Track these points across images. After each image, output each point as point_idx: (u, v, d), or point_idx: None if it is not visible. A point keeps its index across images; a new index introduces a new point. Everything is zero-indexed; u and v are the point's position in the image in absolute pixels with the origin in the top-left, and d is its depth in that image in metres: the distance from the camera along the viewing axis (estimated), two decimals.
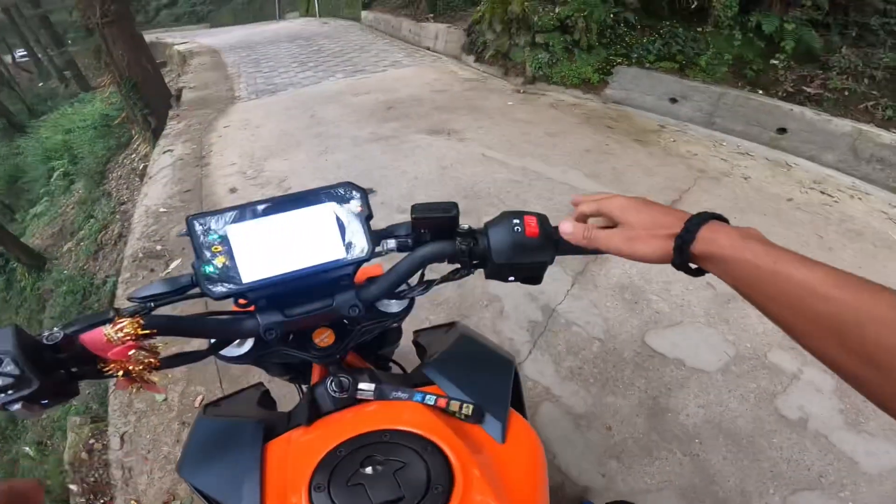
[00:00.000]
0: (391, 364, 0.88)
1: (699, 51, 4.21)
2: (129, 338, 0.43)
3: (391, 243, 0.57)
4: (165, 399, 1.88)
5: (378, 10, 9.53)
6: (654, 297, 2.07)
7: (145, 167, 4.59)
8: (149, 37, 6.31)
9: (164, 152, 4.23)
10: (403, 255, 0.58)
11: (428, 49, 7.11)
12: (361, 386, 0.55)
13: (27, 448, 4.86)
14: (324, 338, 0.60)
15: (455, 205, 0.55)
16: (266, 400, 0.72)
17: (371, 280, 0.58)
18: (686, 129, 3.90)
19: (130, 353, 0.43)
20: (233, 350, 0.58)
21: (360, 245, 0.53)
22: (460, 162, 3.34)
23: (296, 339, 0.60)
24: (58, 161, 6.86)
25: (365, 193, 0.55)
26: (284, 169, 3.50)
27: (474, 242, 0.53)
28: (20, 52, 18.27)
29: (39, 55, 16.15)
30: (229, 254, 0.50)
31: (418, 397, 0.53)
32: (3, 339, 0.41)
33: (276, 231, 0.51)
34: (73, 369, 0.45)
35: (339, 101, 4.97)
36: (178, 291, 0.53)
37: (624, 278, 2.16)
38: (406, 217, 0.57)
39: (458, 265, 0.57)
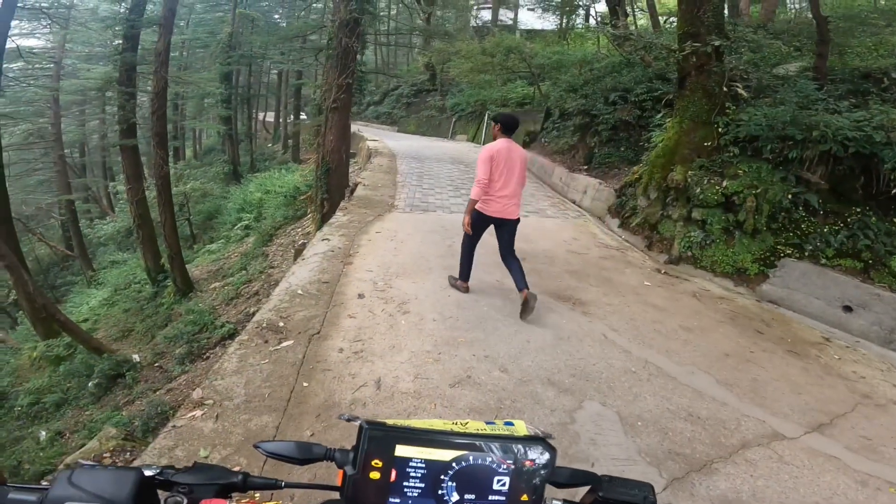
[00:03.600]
0: None
1: (894, 249, 3.47)
2: None
3: None
4: (207, 457, 1.81)
5: (536, 150, 9.86)
6: None
7: (304, 244, 5.41)
8: (353, 126, 7.83)
9: (323, 240, 4.93)
10: None
11: (573, 202, 7.24)
12: None
13: (43, 433, 5.12)
14: None
15: (652, 488, 0.54)
16: None
17: None
18: (857, 345, 3.32)
19: None
20: None
21: None
22: (578, 337, 3.15)
23: None
24: (247, 214, 8.62)
25: (554, 456, 0.52)
26: (409, 292, 3.71)
27: None
28: (270, 116, 24.44)
29: (280, 120, 21.59)
30: (387, 474, 0.47)
31: None
32: (120, 486, 0.39)
33: (444, 463, 0.49)
34: None
35: None
36: (308, 462, 0.51)
37: (731, 493, 1.88)
38: (506, 377, 0.53)
39: None
